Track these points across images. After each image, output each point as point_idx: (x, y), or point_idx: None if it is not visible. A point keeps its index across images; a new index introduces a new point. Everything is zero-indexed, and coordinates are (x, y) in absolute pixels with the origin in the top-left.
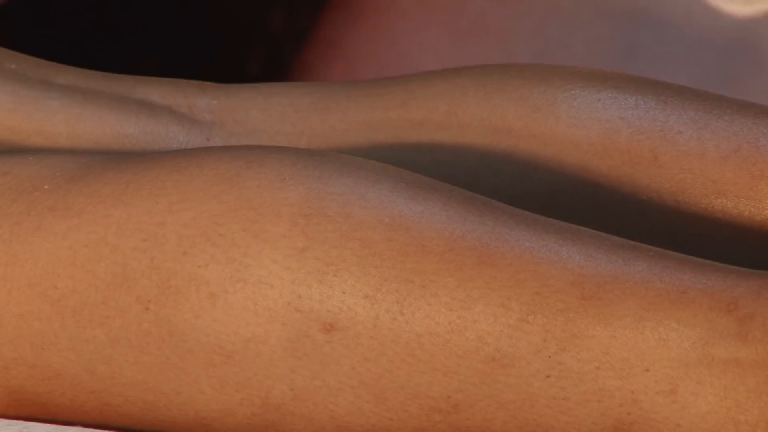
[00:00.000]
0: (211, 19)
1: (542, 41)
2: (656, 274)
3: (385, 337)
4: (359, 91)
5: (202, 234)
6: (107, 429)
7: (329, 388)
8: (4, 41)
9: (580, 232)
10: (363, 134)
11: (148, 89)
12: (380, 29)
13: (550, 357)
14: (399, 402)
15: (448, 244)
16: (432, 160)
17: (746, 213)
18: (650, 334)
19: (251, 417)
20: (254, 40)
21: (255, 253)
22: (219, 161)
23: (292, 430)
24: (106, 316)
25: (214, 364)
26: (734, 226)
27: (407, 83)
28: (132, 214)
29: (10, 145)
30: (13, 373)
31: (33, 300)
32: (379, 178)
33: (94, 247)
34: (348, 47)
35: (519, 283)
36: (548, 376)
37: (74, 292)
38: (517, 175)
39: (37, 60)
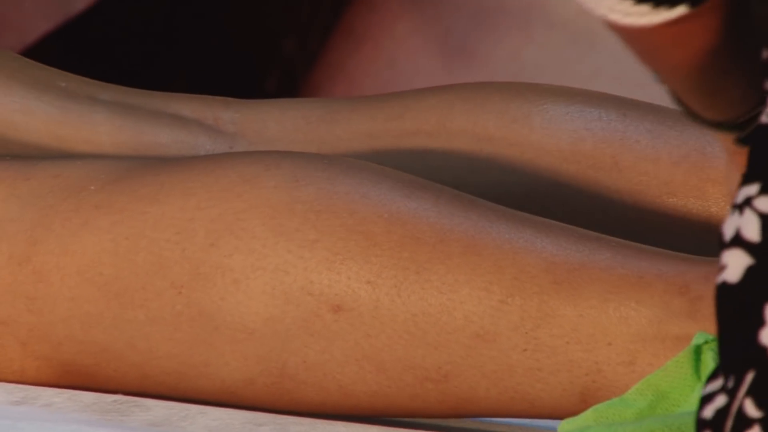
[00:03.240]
0: (234, 44)
1: (518, 63)
2: (618, 261)
3: (385, 317)
4: (362, 106)
5: (227, 228)
6: (145, 396)
7: (337, 361)
8: (55, 63)
9: (552, 226)
10: (365, 142)
11: (179, 104)
12: (379, 53)
13: (526, 333)
14: (397, 372)
15: (438, 236)
16: (424, 164)
17: (695, 210)
18: (613, 313)
19: (270, 386)
20: (271, 63)
21: (273, 245)
22: (241, 165)
23: (304, 396)
24: (144, 299)
25: (237, 340)
26: (684, 221)
27: (403, 99)
28: (166, 211)
29: (61, 152)
30: (65, 348)
31: (82, 285)
32: (379, 179)
33: (134, 239)
34: (351, 68)
35: (500, 269)
36: (525, 350)
37: (117, 278)
38: (498, 177)
39: (84, 79)
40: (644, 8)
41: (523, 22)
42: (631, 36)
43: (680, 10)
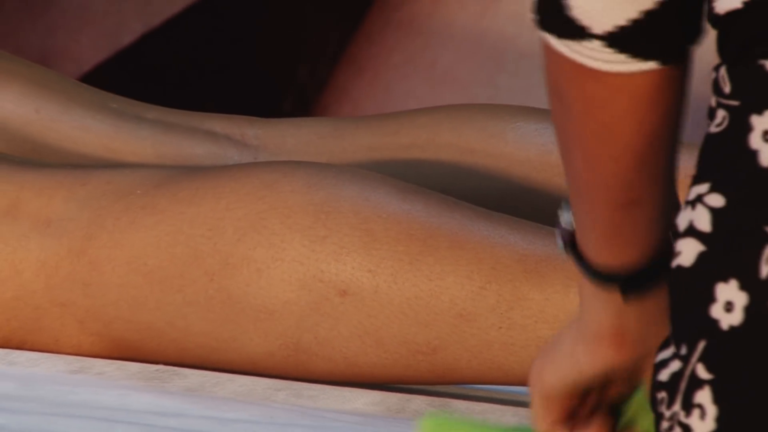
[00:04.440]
0: (256, 73)
1: (493, 87)
2: None
3: (383, 300)
4: (364, 123)
5: (251, 226)
6: (183, 366)
7: (343, 337)
8: (108, 87)
9: (523, 224)
10: (367, 154)
11: (212, 122)
12: (378, 79)
13: (501, 314)
14: (393, 346)
15: (428, 232)
16: (416, 172)
17: None
18: (574, 298)
19: (287, 358)
20: (287, 88)
21: (289, 240)
22: (263, 173)
23: (316, 367)
24: (182, 285)
25: (260, 320)
26: None
27: (398, 117)
28: (200, 212)
29: (113, 162)
30: (114, 326)
31: (129, 274)
32: (378, 185)
33: (174, 235)
34: (355, 92)
35: (480, 260)
36: (500, 328)
37: (159, 267)
38: (478, 183)
39: (131, 101)
40: (623, 57)
41: (498, 53)
42: (605, 91)
43: (651, 64)
